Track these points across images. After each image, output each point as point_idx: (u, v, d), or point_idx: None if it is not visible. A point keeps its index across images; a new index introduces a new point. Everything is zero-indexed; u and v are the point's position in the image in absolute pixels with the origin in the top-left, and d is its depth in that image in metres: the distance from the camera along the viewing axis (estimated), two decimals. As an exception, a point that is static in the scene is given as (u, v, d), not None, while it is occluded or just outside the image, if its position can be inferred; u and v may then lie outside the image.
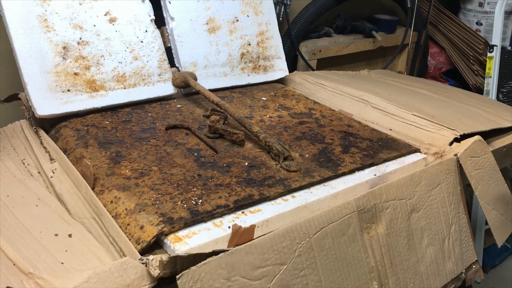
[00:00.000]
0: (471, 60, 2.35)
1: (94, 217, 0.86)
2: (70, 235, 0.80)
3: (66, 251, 0.76)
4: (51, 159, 1.04)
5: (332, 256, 0.82)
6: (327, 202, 0.94)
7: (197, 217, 0.82)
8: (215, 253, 0.70)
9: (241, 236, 0.81)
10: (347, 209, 0.87)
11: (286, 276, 0.76)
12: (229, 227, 0.81)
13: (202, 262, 0.67)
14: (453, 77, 2.52)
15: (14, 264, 0.71)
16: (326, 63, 2.10)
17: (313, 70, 1.98)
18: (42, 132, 1.15)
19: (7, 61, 1.32)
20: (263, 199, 0.90)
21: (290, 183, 0.96)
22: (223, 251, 0.71)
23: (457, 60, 2.44)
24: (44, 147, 1.09)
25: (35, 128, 1.17)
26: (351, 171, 1.04)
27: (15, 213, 0.86)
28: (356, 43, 2.17)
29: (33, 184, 0.96)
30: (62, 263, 0.73)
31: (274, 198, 0.92)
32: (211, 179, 0.95)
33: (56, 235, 0.80)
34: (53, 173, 0.99)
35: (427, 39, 2.49)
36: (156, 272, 0.67)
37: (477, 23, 2.41)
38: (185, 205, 0.85)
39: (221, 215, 0.84)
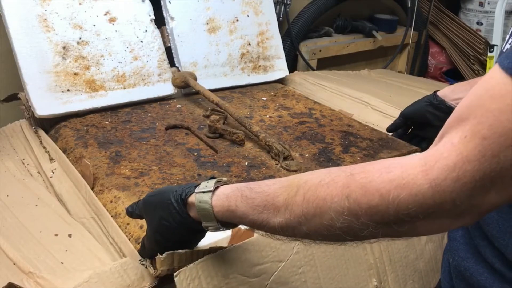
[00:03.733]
0: (471, 60, 2.35)
1: (93, 217, 0.86)
2: (70, 235, 0.80)
3: (66, 251, 0.76)
4: (51, 159, 1.04)
5: (330, 253, 0.82)
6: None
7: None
8: (212, 250, 0.70)
9: (240, 237, 0.81)
10: None
11: (284, 273, 0.76)
12: None
13: (200, 260, 0.67)
14: (454, 76, 2.51)
15: (14, 264, 0.71)
16: (326, 63, 2.09)
17: (313, 70, 1.98)
18: (41, 132, 1.15)
19: (7, 61, 1.32)
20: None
21: (290, 182, 0.95)
22: (221, 248, 0.71)
23: (457, 60, 2.44)
24: (44, 147, 1.09)
25: (34, 128, 1.17)
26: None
27: (15, 213, 0.86)
28: (356, 43, 2.17)
29: (33, 184, 0.96)
30: (62, 263, 0.73)
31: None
32: (211, 179, 0.95)
33: (56, 235, 0.80)
34: (53, 173, 0.99)
35: (428, 39, 2.49)
36: (155, 271, 0.67)
37: (477, 23, 2.41)
38: (184, 204, 0.85)
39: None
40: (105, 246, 0.80)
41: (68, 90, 1.19)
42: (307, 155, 1.09)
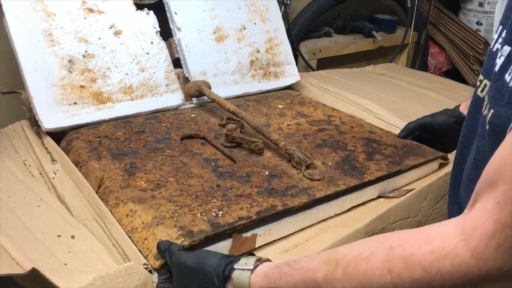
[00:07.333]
0: (471, 60, 2.36)
1: (96, 219, 0.85)
2: (73, 237, 0.80)
3: (69, 252, 0.76)
4: (53, 160, 1.04)
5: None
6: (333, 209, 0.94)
7: (218, 230, 0.78)
8: None
9: (241, 247, 0.80)
10: (356, 238, 0.85)
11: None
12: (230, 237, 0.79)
13: None
14: (453, 77, 2.52)
15: (17, 264, 0.70)
16: (326, 63, 2.09)
17: (313, 70, 1.98)
18: (43, 133, 1.14)
19: (7, 61, 1.30)
20: (287, 210, 0.86)
21: (314, 192, 0.91)
22: None
23: (457, 60, 2.45)
24: (46, 148, 1.08)
25: (35, 129, 1.16)
26: (378, 180, 1.00)
27: (17, 213, 0.85)
28: (356, 43, 2.17)
29: (35, 185, 0.96)
30: (66, 264, 0.72)
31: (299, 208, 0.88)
32: (230, 189, 0.91)
33: (59, 236, 0.79)
34: (55, 174, 0.99)
35: (427, 39, 2.49)
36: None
37: (477, 23, 2.42)
38: (205, 217, 0.81)
39: (243, 227, 0.81)
40: (108, 248, 0.79)
41: (75, 103, 1.18)
42: (329, 163, 1.04)
